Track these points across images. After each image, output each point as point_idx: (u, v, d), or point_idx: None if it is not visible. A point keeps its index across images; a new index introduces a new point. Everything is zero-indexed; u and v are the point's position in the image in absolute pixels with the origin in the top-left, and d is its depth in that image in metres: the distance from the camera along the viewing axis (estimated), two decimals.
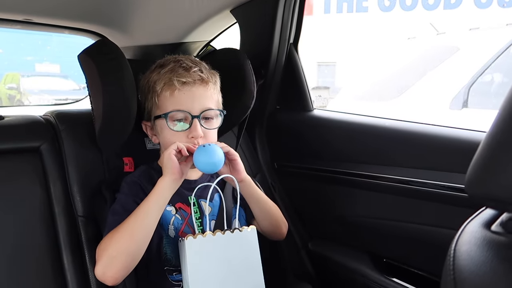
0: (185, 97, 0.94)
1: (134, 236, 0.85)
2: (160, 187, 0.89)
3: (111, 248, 0.85)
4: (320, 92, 7.63)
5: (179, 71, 0.94)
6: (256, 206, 1.01)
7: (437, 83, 2.92)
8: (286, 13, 1.28)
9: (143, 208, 0.88)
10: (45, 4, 1.27)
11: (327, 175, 1.29)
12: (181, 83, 0.93)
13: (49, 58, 10.66)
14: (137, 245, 0.86)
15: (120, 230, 0.86)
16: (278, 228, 1.07)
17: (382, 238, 1.21)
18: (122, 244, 0.85)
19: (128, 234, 0.85)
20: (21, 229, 1.00)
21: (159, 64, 1.00)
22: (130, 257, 0.86)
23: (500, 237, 0.44)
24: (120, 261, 0.85)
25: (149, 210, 0.87)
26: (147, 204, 0.88)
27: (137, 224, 0.86)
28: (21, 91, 8.99)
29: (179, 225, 0.96)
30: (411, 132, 1.14)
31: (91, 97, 1.02)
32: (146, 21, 1.41)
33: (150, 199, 0.88)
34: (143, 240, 0.87)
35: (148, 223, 0.87)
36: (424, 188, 1.06)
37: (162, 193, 0.89)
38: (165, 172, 0.89)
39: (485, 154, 0.44)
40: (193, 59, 1.00)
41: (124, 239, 0.85)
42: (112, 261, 0.85)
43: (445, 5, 10.97)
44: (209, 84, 0.97)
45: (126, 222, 0.87)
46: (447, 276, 0.42)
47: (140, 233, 0.86)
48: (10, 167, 1.03)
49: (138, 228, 0.86)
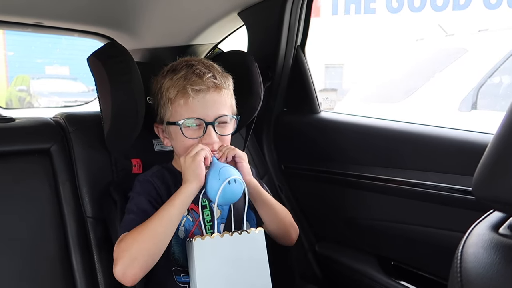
0: (199, 104, 0.93)
1: (157, 238, 0.87)
2: (186, 193, 0.89)
3: (133, 249, 0.86)
4: (328, 94, 7.61)
5: (193, 78, 0.94)
6: (262, 209, 1.01)
7: (446, 85, 2.90)
8: (293, 16, 1.28)
9: (167, 211, 0.88)
10: (55, 8, 1.29)
11: (334, 177, 1.29)
12: (195, 91, 0.93)
13: (58, 61, 10.76)
14: (158, 247, 0.87)
15: (142, 231, 0.87)
16: (287, 232, 1.06)
17: (390, 240, 1.21)
18: (144, 246, 0.86)
19: (151, 236, 0.86)
20: (31, 229, 1.01)
21: (171, 69, 0.99)
22: (151, 258, 0.87)
23: (508, 240, 0.44)
24: (141, 262, 0.86)
25: (173, 215, 0.88)
26: (172, 208, 0.88)
27: (161, 227, 0.87)
28: (31, 93, 9.07)
29: (190, 226, 0.96)
30: (419, 134, 1.14)
31: (100, 99, 1.03)
32: (154, 23, 1.42)
33: (175, 203, 0.89)
34: (164, 242, 0.88)
35: (170, 226, 0.88)
36: (432, 191, 1.06)
37: (187, 199, 0.89)
38: (191, 178, 0.89)
39: (492, 157, 0.44)
40: (206, 62, 0.99)
41: (147, 241, 0.86)
42: (133, 262, 0.85)
43: (454, 6, 10.88)
44: (222, 90, 0.97)
45: (148, 224, 0.87)
46: (454, 278, 0.42)
47: (162, 236, 0.87)
48: (20, 168, 1.05)
49: (161, 231, 0.87)
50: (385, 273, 1.19)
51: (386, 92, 3.36)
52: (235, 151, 0.94)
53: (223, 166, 0.89)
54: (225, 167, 0.89)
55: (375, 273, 1.20)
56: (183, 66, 0.97)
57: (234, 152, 0.94)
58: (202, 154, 0.89)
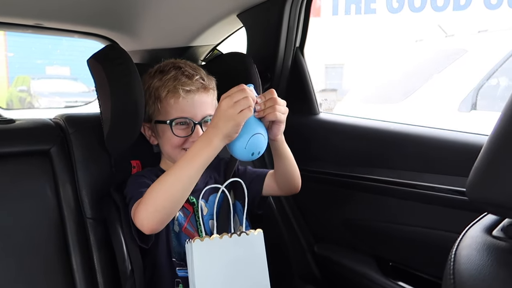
0: (188, 104, 0.97)
1: (174, 200, 0.83)
2: (211, 150, 0.79)
3: (151, 207, 0.83)
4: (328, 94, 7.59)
5: (183, 79, 0.97)
6: (282, 164, 0.99)
7: (445, 86, 2.91)
8: (292, 18, 1.29)
9: (186, 171, 0.81)
10: (55, 10, 1.30)
11: (333, 178, 1.29)
12: (186, 92, 0.96)
13: (59, 61, 10.78)
14: (176, 206, 0.85)
15: (158, 193, 0.83)
16: (294, 183, 1.06)
17: (388, 241, 1.21)
18: (162, 205, 0.83)
19: (168, 200, 0.83)
20: (31, 230, 1.02)
21: (158, 69, 1.02)
22: (169, 215, 0.86)
23: (501, 242, 0.45)
24: (159, 218, 0.84)
25: (192, 176, 0.81)
26: (191, 169, 0.81)
27: (178, 191, 0.82)
28: (31, 94, 9.09)
29: (183, 221, 0.99)
30: (416, 135, 1.14)
31: (100, 101, 1.04)
32: (154, 25, 1.43)
33: (195, 163, 0.80)
34: (182, 201, 0.85)
35: (189, 187, 0.83)
36: (430, 192, 1.06)
37: (211, 159, 0.80)
38: (225, 129, 0.77)
39: (485, 160, 0.44)
40: (192, 65, 1.03)
41: (164, 203, 0.83)
42: (153, 216, 0.84)
43: (454, 7, 10.88)
44: (209, 91, 1.01)
45: (165, 184, 0.83)
46: (447, 279, 0.43)
47: (180, 198, 0.84)
48: (20, 170, 1.05)
49: (178, 194, 0.83)
50: (383, 273, 1.20)
51: (385, 92, 3.37)
52: (276, 116, 0.83)
53: (255, 133, 0.80)
54: (257, 134, 0.80)
55: (374, 274, 1.21)
56: (171, 68, 1.00)
57: (275, 117, 0.83)
58: (247, 102, 0.76)
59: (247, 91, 0.77)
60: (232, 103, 0.76)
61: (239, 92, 0.77)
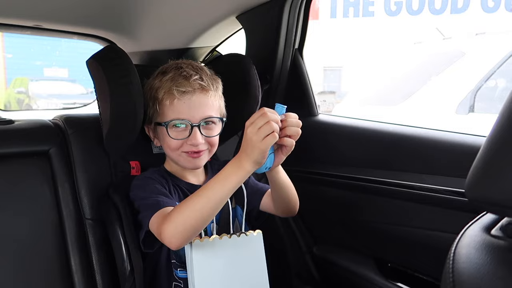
0: (185, 106, 0.94)
1: (204, 219, 0.82)
2: (242, 175, 0.79)
3: (179, 226, 0.81)
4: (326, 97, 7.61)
5: (179, 80, 0.95)
6: (281, 192, 0.99)
7: (443, 88, 2.92)
8: (291, 19, 1.29)
9: (217, 193, 0.80)
10: (54, 11, 1.30)
11: (331, 180, 1.29)
12: (181, 93, 0.94)
13: (57, 63, 10.78)
14: (204, 224, 0.83)
15: (187, 215, 0.81)
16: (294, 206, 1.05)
17: (387, 242, 1.21)
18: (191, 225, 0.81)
19: (198, 219, 0.81)
20: (30, 231, 1.02)
21: (161, 71, 1.01)
22: (196, 231, 0.84)
23: (500, 241, 0.45)
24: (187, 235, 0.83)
25: (223, 198, 0.80)
26: (221, 192, 0.80)
27: (208, 210, 0.81)
28: (29, 95, 9.07)
29: None
30: (415, 137, 1.14)
31: (99, 102, 1.04)
32: (153, 26, 1.43)
33: (225, 186, 0.79)
34: (210, 219, 0.84)
35: (218, 207, 0.81)
36: (429, 193, 1.06)
37: (240, 183, 0.80)
38: (255, 156, 0.76)
39: (484, 159, 0.45)
40: (195, 65, 1.01)
41: (194, 222, 0.81)
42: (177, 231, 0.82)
43: (452, 10, 10.93)
44: (209, 92, 0.97)
45: (195, 205, 0.81)
46: (446, 278, 0.43)
47: (209, 216, 0.82)
48: (19, 170, 1.05)
49: (208, 213, 0.81)
50: (382, 275, 1.20)
51: (384, 94, 3.38)
52: (293, 143, 0.84)
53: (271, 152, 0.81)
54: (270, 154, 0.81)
55: (373, 275, 1.21)
56: (172, 69, 0.99)
57: (291, 145, 0.84)
58: (269, 128, 0.75)
59: (268, 115, 0.75)
60: (256, 130, 0.75)
61: (261, 118, 0.75)
